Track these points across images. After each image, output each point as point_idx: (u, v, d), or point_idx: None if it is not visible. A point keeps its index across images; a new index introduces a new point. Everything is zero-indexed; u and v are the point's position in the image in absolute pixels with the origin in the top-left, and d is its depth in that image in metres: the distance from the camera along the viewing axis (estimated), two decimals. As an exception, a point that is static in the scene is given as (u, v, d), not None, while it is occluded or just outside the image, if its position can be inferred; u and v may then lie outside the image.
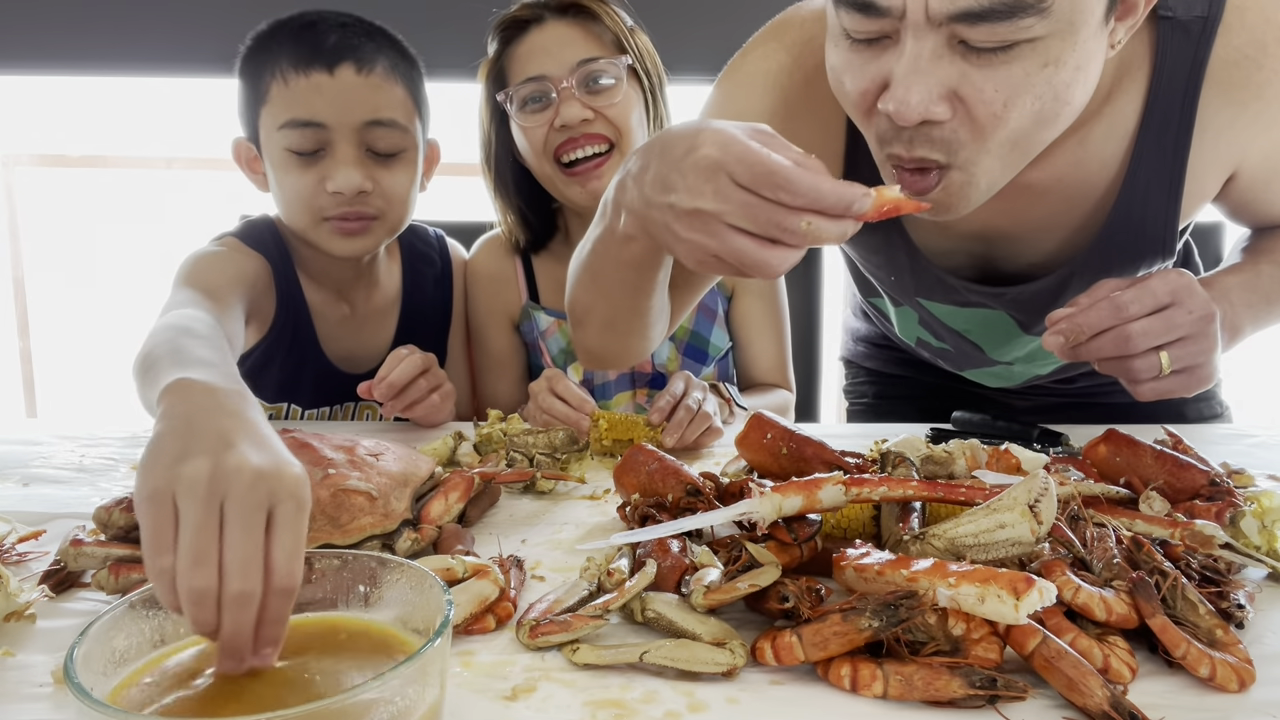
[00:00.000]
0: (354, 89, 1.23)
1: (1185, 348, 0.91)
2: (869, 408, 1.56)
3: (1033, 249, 1.10)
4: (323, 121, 1.22)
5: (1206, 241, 1.61)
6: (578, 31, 1.34)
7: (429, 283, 1.48)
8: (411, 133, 1.28)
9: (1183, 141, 1.00)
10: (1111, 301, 0.90)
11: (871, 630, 0.62)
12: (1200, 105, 0.98)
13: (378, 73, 1.24)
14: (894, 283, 1.19)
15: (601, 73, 1.32)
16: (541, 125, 1.33)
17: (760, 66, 1.07)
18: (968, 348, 1.25)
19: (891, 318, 1.32)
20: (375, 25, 1.30)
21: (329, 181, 1.23)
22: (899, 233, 1.11)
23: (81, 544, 0.77)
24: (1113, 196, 1.03)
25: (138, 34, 2.39)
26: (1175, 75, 0.98)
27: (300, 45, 1.23)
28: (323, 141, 1.23)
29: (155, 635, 0.56)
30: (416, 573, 0.59)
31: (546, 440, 1.08)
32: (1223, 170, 1.03)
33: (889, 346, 1.48)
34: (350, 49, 1.23)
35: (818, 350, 1.89)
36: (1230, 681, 0.63)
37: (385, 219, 1.29)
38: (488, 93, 1.41)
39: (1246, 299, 1.02)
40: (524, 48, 1.35)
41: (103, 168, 3.03)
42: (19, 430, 1.27)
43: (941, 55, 0.80)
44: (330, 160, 1.23)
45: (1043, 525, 0.68)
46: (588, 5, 1.34)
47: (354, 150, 1.24)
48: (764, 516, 0.75)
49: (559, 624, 0.68)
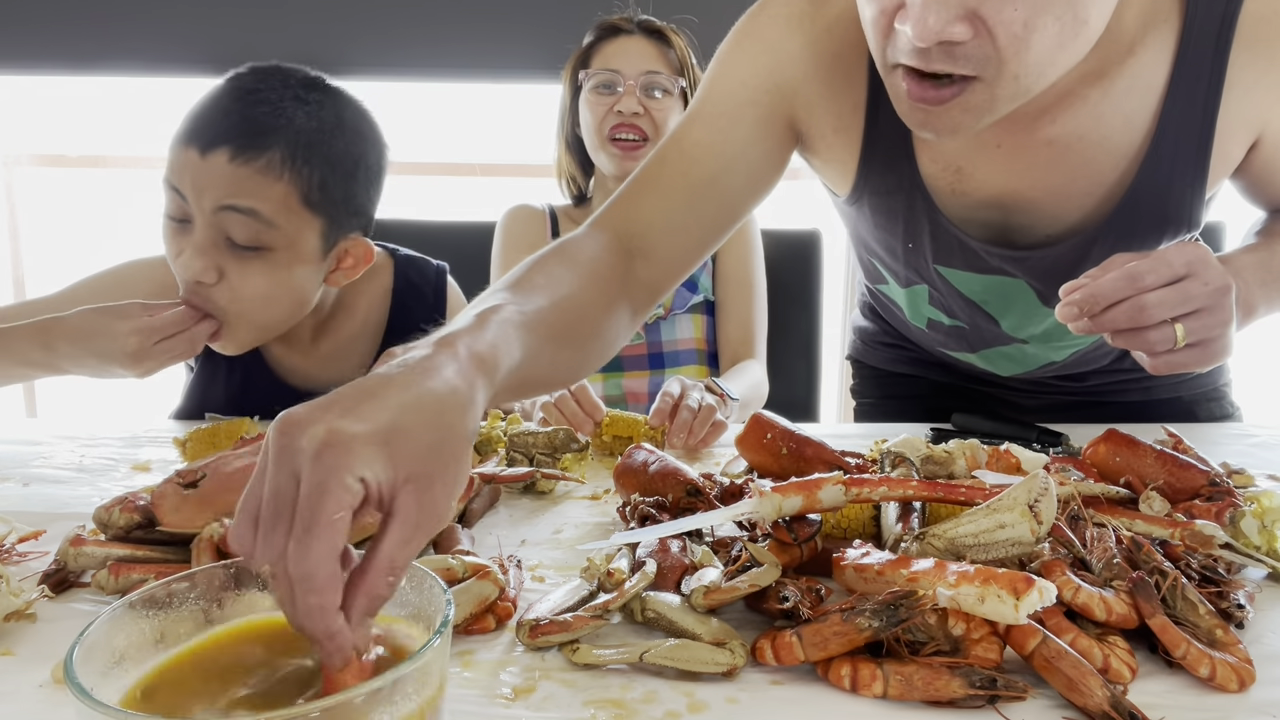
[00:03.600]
0: (219, 174, 1.11)
1: (1201, 320, 0.88)
2: (876, 406, 1.56)
3: (1051, 219, 1.09)
4: (184, 193, 1.13)
5: (1207, 241, 1.61)
6: (653, 49, 1.71)
7: (417, 316, 1.38)
8: (283, 231, 1.14)
9: (1212, 101, 0.98)
10: (1126, 272, 0.87)
11: (871, 630, 0.62)
12: (1230, 62, 0.97)
13: (257, 164, 1.12)
14: (911, 250, 1.17)
15: (661, 85, 1.69)
16: (604, 107, 1.69)
17: (783, 11, 1.07)
18: (982, 321, 1.23)
19: (900, 302, 1.30)
20: (323, 99, 1.19)
21: (179, 258, 1.14)
22: (921, 195, 1.10)
23: (82, 544, 0.77)
24: (1139, 160, 1.02)
25: (138, 34, 2.39)
26: (1205, 30, 0.96)
27: (197, 118, 1.15)
28: (186, 213, 1.14)
29: (155, 635, 0.56)
30: (416, 573, 0.59)
31: (546, 440, 1.08)
32: (1249, 134, 1.02)
33: (897, 345, 1.48)
34: (238, 135, 1.12)
35: (818, 350, 1.89)
36: (1230, 681, 0.63)
37: (234, 318, 1.17)
38: (572, 71, 1.75)
39: (1261, 277, 1.00)
40: (610, 48, 1.71)
41: (103, 168, 3.03)
42: (19, 430, 1.27)
43: None
44: (189, 236, 1.14)
45: (1043, 525, 0.68)
46: (667, 33, 1.72)
47: (207, 233, 1.12)
48: (764, 516, 0.75)
49: (559, 624, 0.68)
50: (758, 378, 1.67)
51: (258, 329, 1.21)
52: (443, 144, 2.99)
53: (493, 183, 2.93)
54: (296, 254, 1.17)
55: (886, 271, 1.25)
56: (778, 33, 1.06)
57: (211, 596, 0.58)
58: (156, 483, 0.85)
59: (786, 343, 1.85)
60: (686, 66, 1.72)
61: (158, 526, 0.79)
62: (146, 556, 0.77)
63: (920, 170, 1.08)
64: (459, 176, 3.05)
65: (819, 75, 1.06)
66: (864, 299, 1.52)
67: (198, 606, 0.58)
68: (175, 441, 1.13)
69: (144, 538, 0.80)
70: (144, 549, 0.78)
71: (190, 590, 0.58)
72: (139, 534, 0.80)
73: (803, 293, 1.87)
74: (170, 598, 0.57)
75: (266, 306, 1.19)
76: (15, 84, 2.77)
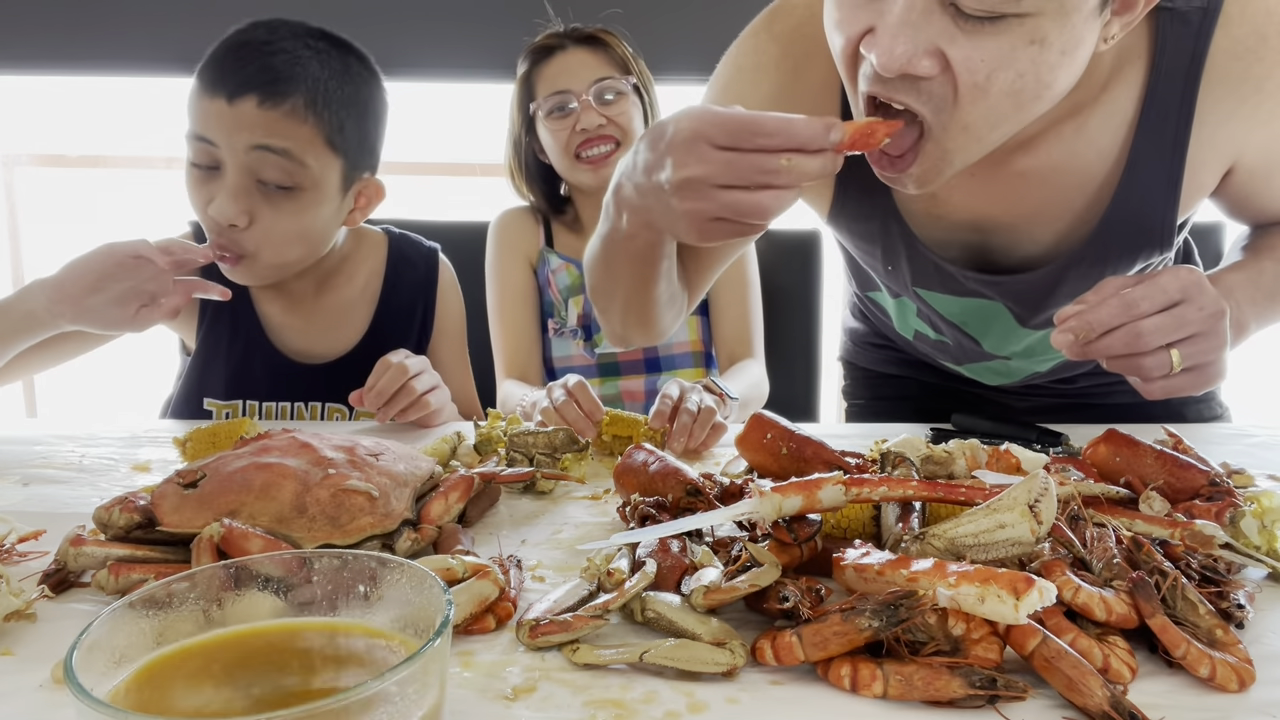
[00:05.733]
0: (250, 118, 1.20)
1: (1196, 345, 0.89)
2: (867, 408, 1.56)
3: (1029, 241, 1.09)
4: (213, 140, 1.21)
5: (1206, 240, 1.61)
6: (592, 56, 1.67)
7: (407, 286, 1.49)
8: (312, 171, 1.24)
9: (1182, 133, 0.99)
10: (1122, 298, 0.88)
11: (871, 630, 0.62)
12: (1200, 97, 0.98)
13: (283, 108, 1.21)
14: (891, 272, 1.19)
15: (612, 89, 1.66)
16: (565, 129, 1.66)
17: (750, 60, 1.09)
18: (965, 340, 1.25)
19: (890, 311, 1.31)
20: (332, 42, 1.28)
21: (211, 205, 1.22)
22: (896, 221, 1.11)
23: (82, 544, 0.77)
24: (1111, 187, 1.03)
25: (138, 34, 2.39)
26: (1175, 66, 0.98)
27: (218, 68, 1.22)
28: (215, 159, 1.22)
29: (155, 635, 0.56)
30: (416, 573, 0.59)
31: (546, 440, 1.08)
32: (1222, 163, 1.03)
33: (887, 347, 1.48)
34: (262, 82, 1.20)
35: (818, 350, 1.89)
36: (1230, 681, 0.63)
37: (260, 256, 1.26)
38: (520, 102, 1.73)
39: (1250, 295, 1.02)
40: (550, 69, 1.68)
41: (103, 168, 3.03)
42: (19, 430, 1.27)
43: (932, 11, 0.81)
44: (219, 183, 1.22)
45: (1043, 525, 0.68)
46: (601, 36, 1.69)
47: (239, 177, 1.21)
48: (764, 516, 0.75)
49: (559, 624, 0.68)
50: (757, 377, 1.67)
51: (278, 267, 1.31)
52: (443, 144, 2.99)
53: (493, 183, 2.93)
54: (322, 193, 1.26)
55: (878, 279, 1.26)
56: (745, 86, 1.09)
57: (211, 596, 0.58)
58: (156, 483, 0.85)
59: (786, 343, 1.86)
60: (630, 61, 1.70)
61: (158, 526, 0.79)
62: (146, 556, 0.77)
63: (895, 196, 1.09)
64: (459, 176, 3.06)
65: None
66: (853, 301, 1.52)
67: (198, 606, 0.58)
68: (175, 441, 1.13)
69: (144, 538, 0.80)
70: (144, 549, 0.78)
71: (190, 590, 0.58)
72: (139, 534, 0.80)
73: (802, 293, 1.88)
74: (170, 598, 0.57)
75: (292, 245, 1.28)
76: (15, 84, 2.77)
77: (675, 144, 0.81)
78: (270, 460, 0.83)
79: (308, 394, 1.41)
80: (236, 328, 1.40)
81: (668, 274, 1.05)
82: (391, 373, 1.21)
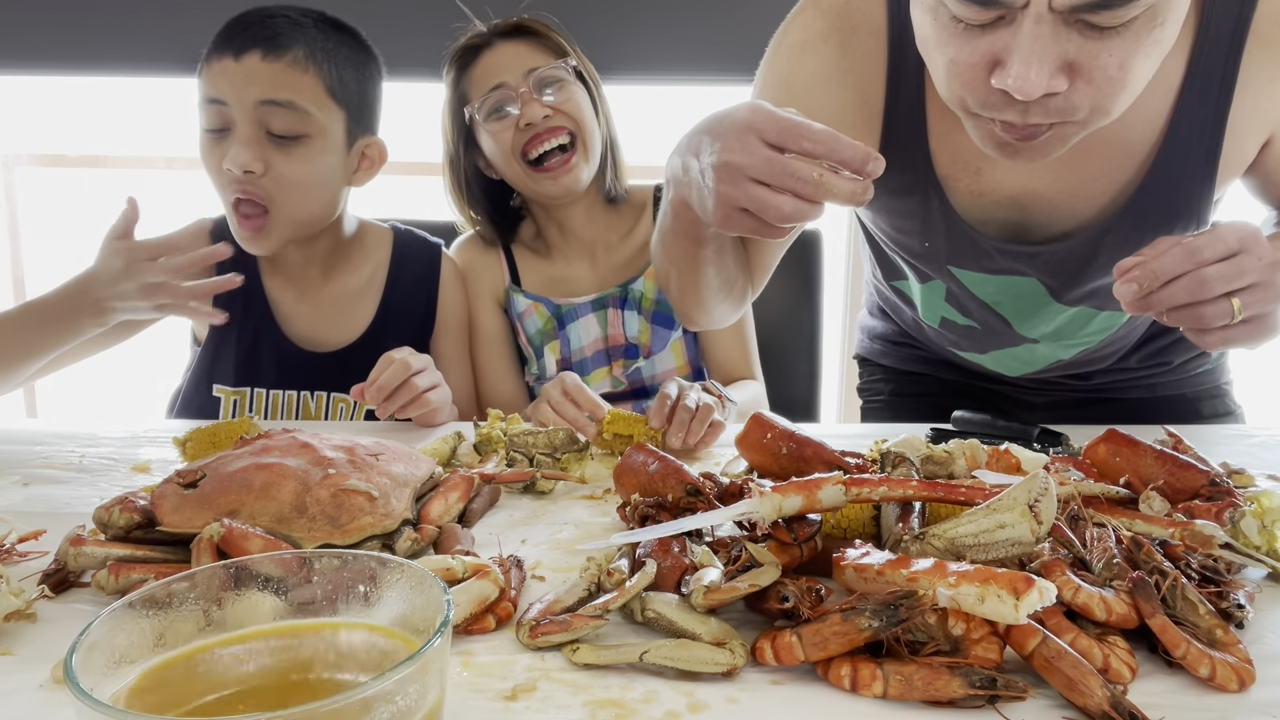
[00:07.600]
0: (255, 72, 1.29)
1: (1255, 294, 0.89)
2: (884, 405, 1.56)
3: (1068, 215, 1.10)
4: (224, 99, 1.28)
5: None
6: (524, 47, 1.51)
7: (410, 278, 1.53)
8: (317, 119, 1.32)
9: (1224, 98, 1.00)
10: (1184, 247, 0.88)
11: (871, 630, 0.62)
12: (1243, 64, 0.99)
13: (286, 59, 1.30)
14: (927, 249, 1.19)
15: (551, 75, 1.50)
16: (508, 128, 1.49)
17: (799, 36, 1.12)
18: (995, 322, 1.24)
19: (916, 299, 1.31)
20: (328, 19, 1.36)
21: (225, 159, 1.29)
22: (936, 195, 1.11)
23: (82, 544, 0.77)
24: (1152, 156, 1.04)
25: (138, 34, 2.39)
26: (1220, 32, 0.99)
27: (223, 35, 1.31)
28: (227, 119, 1.29)
29: (155, 635, 0.56)
30: (416, 573, 0.59)
31: (546, 440, 1.08)
32: (1260, 133, 1.04)
33: (906, 344, 1.48)
34: (264, 38, 1.29)
35: (818, 350, 1.89)
36: (1230, 681, 0.63)
37: (278, 208, 1.33)
38: (452, 113, 1.56)
39: None
40: (480, 69, 1.52)
41: (103, 168, 3.03)
42: (19, 430, 1.27)
43: (1059, 33, 0.82)
44: (231, 139, 1.29)
45: (1043, 525, 0.68)
46: (529, 25, 1.53)
47: (250, 129, 1.29)
48: (764, 516, 0.75)
49: (559, 624, 0.68)
50: (756, 392, 1.62)
51: (295, 225, 1.36)
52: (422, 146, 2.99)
53: (492, 183, 2.93)
54: (328, 143, 1.35)
55: (906, 266, 1.26)
56: (794, 62, 1.11)
57: (211, 596, 0.58)
58: (156, 483, 0.85)
59: (787, 342, 1.85)
60: (565, 46, 1.53)
61: (158, 526, 0.79)
62: (146, 556, 0.77)
63: (936, 171, 1.09)
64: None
65: (831, 90, 1.10)
66: (872, 299, 1.52)
67: (198, 606, 0.58)
68: (175, 441, 1.13)
69: (144, 538, 0.80)
70: (144, 549, 0.78)
71: (190, 590, 0.58)
72: (139, 534, 0.80)
73: (804, 293, 1.87)
74: (170, 598, 0.57)
75: (306, 197, 1.35)
76: (15, 84, 2.77)
77: (729, 129, 0.85)
78: (270, 460, 0.83)
79: (314, 382, 1.44)
80: (248, 313, 1.44)
81: (716, 259, 1.08)
82: (393, 368, 1.21)
